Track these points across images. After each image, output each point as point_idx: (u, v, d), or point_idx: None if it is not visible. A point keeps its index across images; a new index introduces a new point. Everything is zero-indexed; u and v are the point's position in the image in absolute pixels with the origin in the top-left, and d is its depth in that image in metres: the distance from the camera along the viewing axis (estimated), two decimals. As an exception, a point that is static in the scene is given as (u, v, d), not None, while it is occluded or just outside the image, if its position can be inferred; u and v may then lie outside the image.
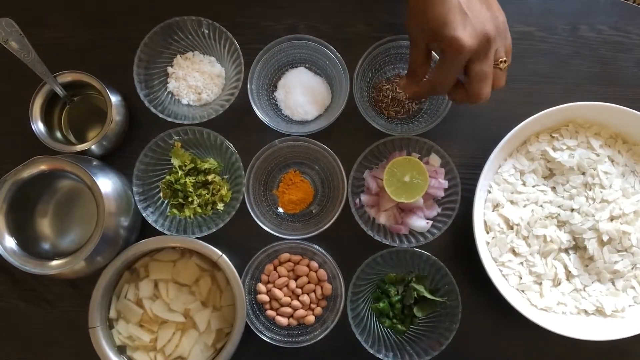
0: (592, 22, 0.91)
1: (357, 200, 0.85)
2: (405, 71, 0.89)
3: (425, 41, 0.70)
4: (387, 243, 0.83)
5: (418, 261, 0.85)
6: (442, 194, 0.85)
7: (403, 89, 0.77)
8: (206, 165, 0.87)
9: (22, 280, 0.89)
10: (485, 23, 0.66)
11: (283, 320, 0.84)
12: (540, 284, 0.83)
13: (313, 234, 0.83)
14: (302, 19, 0.91)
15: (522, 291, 0.83)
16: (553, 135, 0.86)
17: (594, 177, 0.83)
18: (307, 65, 0.90)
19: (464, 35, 0.64)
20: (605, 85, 0.90)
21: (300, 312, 0.84)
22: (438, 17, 0.65)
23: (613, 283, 0.83)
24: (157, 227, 0.84)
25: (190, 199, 0.85)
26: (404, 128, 0.88)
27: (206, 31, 0.87)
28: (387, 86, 0.88)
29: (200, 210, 0.86)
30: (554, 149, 0.85)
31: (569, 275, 0.83)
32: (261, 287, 0.85)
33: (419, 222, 0.84)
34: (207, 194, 0.86)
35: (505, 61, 0.69)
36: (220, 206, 0.86)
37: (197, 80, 0.89)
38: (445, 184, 0.84)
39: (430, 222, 0.84)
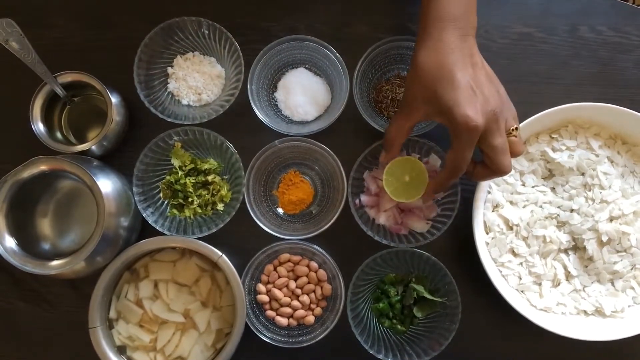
0: (591, 23, 0.91)
1: (357, 201, 0.85)
2: (406, 72, 0.89)
3: (425, 115, 0.71)
4: (387, 243, 0.83)
5: (418, 261, 0.85)
6: (441, 194, 0.85)
7: (383, 160, 0.79)
8: (206, 166, 0.87)
9: (22, 280, 0.89)
10: (491, 99, 0.67)
11: (283, 321, 0.84)
12: (540, 284, 0.83)
13: (313, 234, 0.83)
14: (302, 20, 0.92)
15: (522, 291, 0.83)
16: (552, 135, 0.86)
17: (594, 178, 0.83)
18: (307, 66, 0.90)
19: (475, 114, 0.65)
20: (604, 86, 0.90)
21: (300, 312, 0.84)
22: (447, 94, 0.67)
23: (612, 283, 0.83)
24: (157, 228, 0.84)
25: (190, 200, 0.86)
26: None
27: (206, 32, 0.87)
28: (387, 87, 0.89)
29: (200, 211, 0.86)
30: (554, 150, 0.85)
31: (568, 276, 0.83)
32: (261, 287, 0.85)
33: (419, 223, 0.84)
34: (207, 194, 0.86)
35: (516, 128, 0.70)
36: (220, 206, 0.86)
37: (197, 81, 0.89)
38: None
39: (430, 222, 0.85)
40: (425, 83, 0.69)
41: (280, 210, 0.89)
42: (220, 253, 0.81)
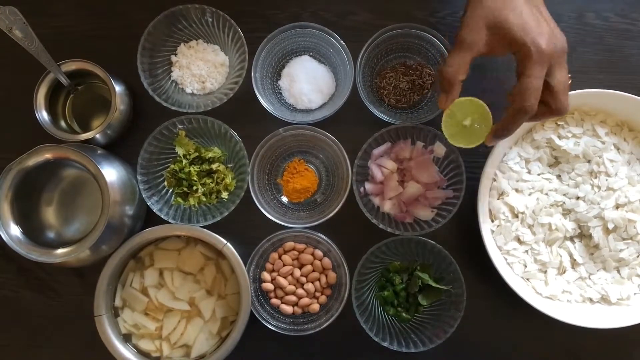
0: (598, 10, 0.90)
1: (362, 189, 0.85)
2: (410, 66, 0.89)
3: (488, 47, 0.69)
4: (392, 231, 0.83)
5: (423, 249, 0.85)
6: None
7: (443, 105, 0.73)
8: (210, 154, 0.87)
9: (27, 268, 0.90)
10: (557, 33, 0.67)
11: (288, 309, 0.85)
12: (545, 272, 0.83)
13: (317, 222, 0.83)
14: (306, 7, 0.91)
15: (527, 279, 0.83)
16: (558, 123, 0.85)
17: (600, 165, 0.83)
18: (311, 54, 0.90)
19: (544, 42, 0.65)
20: (611, 72, 0.90)
21: (305, 300, 0.84)
22: (516, 23, 0.66)
23: (618, 271, 0.83)
24: (161, 216, 0.84)
25: (194, 188, 0.85)
26: (405, 117, 0.88)
27: (210, 19, 0.87)
28: (391, 74, 0.88)
29: (204, 199, 0.86)
30: (560, 137, 0.84)
31: (574, 264, 0.83)
32: (266, 275, 0.85)
33: (424, 211, 0.84)
34: (212, 182, 0.86)
35: (570, 76, 0.69)
36: (224, 195, 0.86)
37: (201, 69, 0.88)
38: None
39: (435, 210, 0.84)
40: (490, 11, 0.67)
41: (284, 199, 0.89)
42: (225, 241, 0.81)
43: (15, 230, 0.78)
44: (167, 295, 0.84)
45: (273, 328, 0.83)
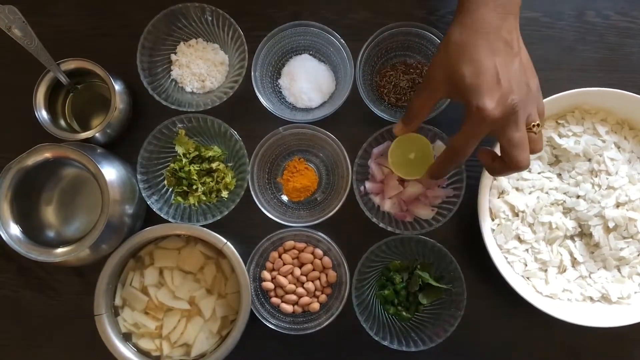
0: (598, 8, 0.90)
1: (362, 188, 0.85)
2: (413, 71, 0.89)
3: (446, 94, 0.68)
4: (392, 230, 0.83)
5: (423, 248, 0.84)
6: (444, 181, 0.85)
7: (398, 132, 0.76)
8: (210, 153, 0.87)
9: (27, 268, 0.90)
10: (515, 91, 0.63)
11: (288, 308, 0.84)
12: (546, 270, 0.83)
13: (318, 221, 0.83)
14: (306, 6, 0.91)
15: (528, 278, 0.83)
16: (559, 121, 0.85)
17: (600, 164, 0.82)
18: (311, 52, 0.90)
19: (491, 104, 0.62)
20: (611, 71, 0.89)
21: (305, 299, 0.84)
22: (469, 79, 0.63)
23: (619, 270, 0.83)
24: (161, 215, 0.84)
25: (194, 187, 0.85)
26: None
27: (209, 18, 0.87)
28: (392, 72, 0.88)
29: (204, 198, 0.86)
30: (560, 136, 0.84)
31: (574, 262, 0.83)
32: (266, 274, 0.85)
33: (424, 210, 0.84)
34: (212, 181, 0.86)
35: (538, 124, 0.67)
36: (224, 194, 0.86)
37: (200, 68, 0.88)
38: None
39: (435, 209, 0.84)
40: (450, 61, 0.66)
41: (284, 198, 0.89)
42: (225, 240, 0.81)
43: (14, 229, 0.78)
44: (167, 294, 0.84)
45: (273, 327, 0.83)
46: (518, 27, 0.66)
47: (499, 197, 0.84)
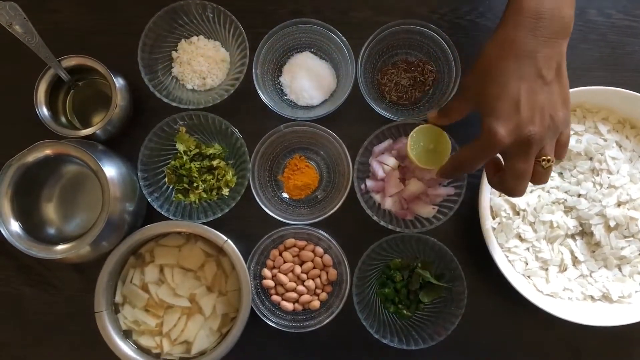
0: (600, 7, 0.90)
1: (363, 186, 0.85)
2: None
3: (475, 106, 0.67)
4: (393, 228, 0.83)
5: (424, 247, 0.84)
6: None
7: (431, 118, 0.76)
8: (211, 151, 0.86)
9: (27, 265, 0.90)
10: (536, 122, 0.60)
11: (288, 305, 0.84)
12: (547, 269, 0.83)
13: (318, 219, 0.83)
14: (307, 3, 0.91)
15: (528, 277, 0.83)
16: (560, 120, 0.85)
17: (602, 163, 0.82)
18: (312, 50, 0.90)
19: (503, 131, 0.60)
20: (613, 70, 0.89)
21: (306, 297, 0.84)
22: (491, 99, 0.62)
23: (620, 269, 0.83)
24: (162, 212, 0.84)
25: (195, 184, 0.85)
26: (407, 113, 0.88)
27: (211, 15, 0.87)
28: (393, 70, 0.88)
29: (205, 196, 0.86)
30: (561, 134, 0.84)
31: (575, 261, 0.83)
32: (266, 272, 0.85)
33: (425, 208, 0.84)
34: (212, 179, 0.86)
35: (549, 160, 0.64)
36: (225, 191, 0.86)
37: (201, 65, 0.88)
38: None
39: (436, 207, 0.84)
40: (480, 76, 0.64)
41: (285, 195, 0.89)
42: (225, 238, 0.81)
43: (15, 226, 0.78)
44: (168, 292, 0.84)
45: (273, 325, 0.83)
46: (563, 54, 0.62)
47: (500, 196, 0.84)
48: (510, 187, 0.65)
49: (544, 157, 0.64)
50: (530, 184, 0.66)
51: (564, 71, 0.63)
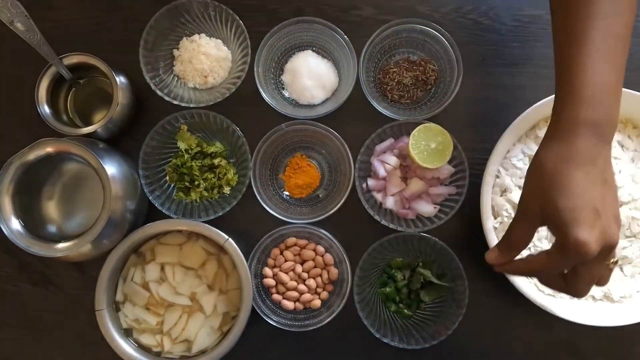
0: (603, 6, 0.90)
1: (364, 185, 0.85)
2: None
3: (543, 223, 0.62)
4: (394, 228, 0.82)
5: (425, 246, 0.84)
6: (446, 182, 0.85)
7: (490, 258, 0.67)
8: (212, 149, 0.86)
9: (28, 263, 0.90)
10: (613, 227, 0.59)
11: (289, 304, 0.84)
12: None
13: (319, 218, 0.83)
14: (309, 2, 0.91)
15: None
16: (562, 120, 0.85)
17: (604, 163, 0.82)
18: (314, 49, 0.90)
19: (591, 239, 0.57)
20: (615, 69, 0.89)
21: (307, 296, 0.84)
22: (567, 212, 0.58)
23: (621, 269, 0.82)
24: (163, 211, 0.84)
25: (196, 183, 0.85)
26: (409, 113, 0.88)
27: (212, 13, 0.87)
28: (395, 69, 0.88)
29: (206, 194, 0.86)
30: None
31: (576, 261, 0.83)
32: (267, 271, 0.85)
33: (426, 207, 0.84)
34: (214, 177, 0.86)
35: (617, 261, 0.63)
36: (226, 190, 0.86)
37: (203, 63, 0.88)
38: (450, 169, 0.84)
39: (438, 207, 0.84)
40: (544, 192, 0.60)
41: (286, 194, 0.89)
42: (226, 236, 0.81)
43: (16, 224, 0.78)
44: (169, 290, 0.84)
45: (274, 324, 0.83)
46: (611, 154, 0.62)
47: (501, 195, 0.84)
48: (579, 289, 0.63)
49: (613, 260, 0.63)
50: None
51: (612, 170, 0.63)
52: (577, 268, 0.61)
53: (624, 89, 0.80)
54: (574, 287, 0.63)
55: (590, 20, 0.62)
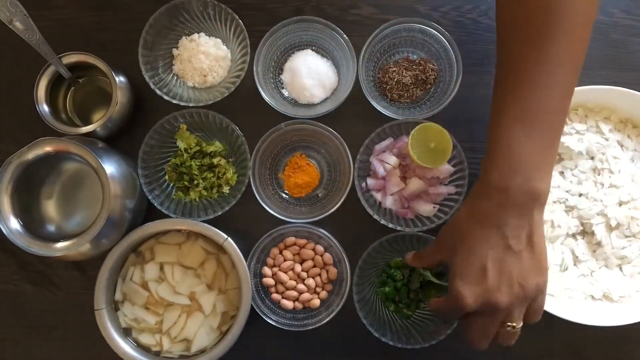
0: (603, 5, 0.90)
1: (364, 184, 0.85)
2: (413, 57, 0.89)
3: (444, 260, 0.68)
4: (393, 227, 0.82)
5: (424, 245, 0.84)
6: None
7: (408, 259, 0.76)
8: (212, 148, 0.86)
9: (27, 262, 0.89)
10: (502, 292, 0.61)
11: (288, 304, 0.84)
12: (547, 269, 0.82)
13: (319, 217, 0.83)
14: (309, 1, 0.90)
15: (529, 276, 0.83)
16: (562, 119, 0.85)
17: (603, 162, 0.82)
18: (313, 48, 0.90)
19: (468, 294, 0.61)
20: (615, 69, 0.89)
21: (306, 295, 0.84)
22: (459, 264, 0.63)
23: (621, 269, 0.82)
24: (162, 210, 0.84)
25: (195, 182, 0.85)
26: (408, 112, 0.88)
27: (212, 12, 0.86)
28: (394, 68, 0.88)
29: (205, 194, 0.86)
30: (563, 134, 0.84)
31: (576, 261, 0.83)
32: (267, 270, 0.85)
33: (426, 207, 0.84)
34: (213, 177, 0.86)
35: (514, 326, 0.64)
36: (225, 189, 0.86)
37: (202, 63, 0.88)
38: (450, 169, 0.84)
39: (437, 206, 0.84)
40: (452, 238, 0.66)
41: (286, 194, 0.89)
42: (225, 236, 0.81)
43: (15, 223, 0.78)
44: (168, 290, 0.84)
45: (273, 323, 0.83)
46: (535, 222, 0.62)
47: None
48: (470, 338, 0.66)
49: (509, 324, 0.64)
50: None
51: (536, 239, 0.63)
52: (469, 318, 0.65)
53: (623, 89, 0.81)
54: (467, 334, 0.66)
55: (512, 92, 0.63)
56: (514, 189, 0.61)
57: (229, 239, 0.81)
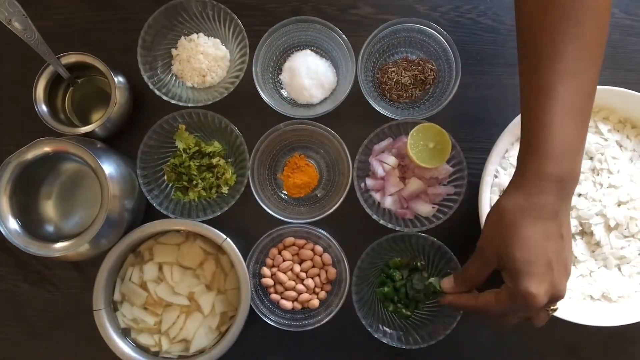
0: (602, 5, 0.90)
1: (363, 184, 0.85)
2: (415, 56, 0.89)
3: (497, 267, 0.65)
4: (392, 227, 0.82)
5: (423, 246, 0.84)
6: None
7: (445, 285, 0.71)
8: (211, 149, 0.86)
9: (26, 262, 0.89)
10: (563, 280, 0.62)
11: (287, 304, 0.84)
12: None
13: (318, 218, 0.83)
14: (308, 1, 0.90)
15: (528, 276, 0.83)
16: (561, 119, 0.85)
17: (602, 162, 0.82)
18: (312, 48, 0.89)
19: (540, 292, 0.60)
20: (614, 69, 0.89)
21: (305, 296, 0.84)
22: (521, 263, 0.60)
23: (620, 269, 0.82)
24: (161, 210, 0.84)
25: (194, 182, 0.85)
26: (407, 112, 0.87)
27: (211, 13, 0.86)
28: (393, 69, 0.88)
29: (204, 194, 0.86)
30: (562, 134, 0.84)
31: (575, 261, 0.83)
32: (265, 270, 0.85)
33: (425, 207, 0.84)
34: (212, 177, 0.86)
35: (557, 309, 0.66)
36: (224, 190, 0.86)
37: (201, 63, 0.88)
38: (449, 169, 0.84)
39: (436, 206, 0.84)
40: (502, 240, 0.62)
41: (285, 194, 0.89)
42: (224, 236, 0.81)
43: (13, 223, 0.78)
44: (167, 290, 0.84)
45: (272, 323, 0.82)
46: (570, 208, 0.64)
47: (500, 195, 0.84)
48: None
49: (553, 307, 0.66)
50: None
51: (569, 221, 0.64)
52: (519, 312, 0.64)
53: (623, 89, 0.81)
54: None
55: (560, 76, 0.62)
56: (567, 178, 0.61)
57: (228, 239, 0.81)
